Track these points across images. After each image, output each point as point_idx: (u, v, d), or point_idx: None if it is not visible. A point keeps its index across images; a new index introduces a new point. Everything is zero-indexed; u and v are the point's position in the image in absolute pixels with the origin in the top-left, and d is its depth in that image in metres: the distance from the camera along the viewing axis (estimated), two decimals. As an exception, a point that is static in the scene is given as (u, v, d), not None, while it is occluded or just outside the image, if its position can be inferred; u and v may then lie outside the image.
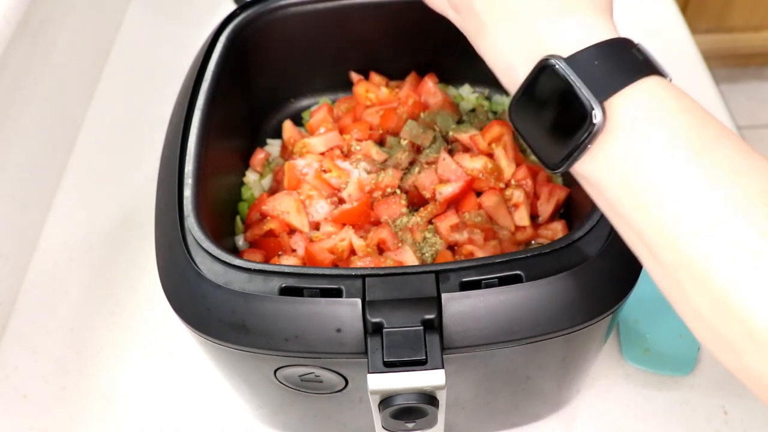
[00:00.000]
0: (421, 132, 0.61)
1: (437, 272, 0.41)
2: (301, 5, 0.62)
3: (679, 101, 0.32)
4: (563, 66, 0.33)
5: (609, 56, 0.33)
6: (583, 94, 0.32)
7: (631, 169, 0.32)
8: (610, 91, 0.32)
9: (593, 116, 0.32)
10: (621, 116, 0.32)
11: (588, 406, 0.58)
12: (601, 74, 0.32)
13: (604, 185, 0.33)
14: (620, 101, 0.32)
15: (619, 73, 0.32)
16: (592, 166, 0.33)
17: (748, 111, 1.91)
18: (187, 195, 0.46)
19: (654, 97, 0.32)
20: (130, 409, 0.60)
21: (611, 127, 0.32)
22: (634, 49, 0.33)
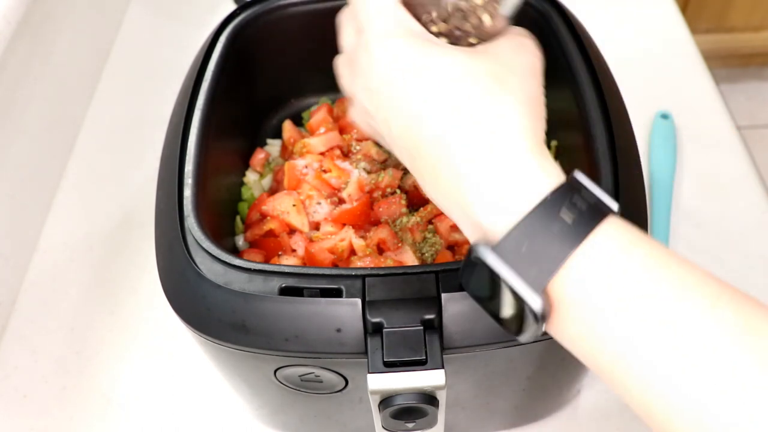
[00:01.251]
0: (421, 132, 0.61)
1: (437, 272, 0.41)
2: (301, 5, 0.62)
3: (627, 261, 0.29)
4: (492, 258, 0.30)
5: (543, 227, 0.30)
6: (519, 288, 0.30)
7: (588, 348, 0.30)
8: (546, 277, 0.29)
9: (534, 307, 0.29)
10: (565, 298, 0.30)
11: (588, 406, 0.58)
12: (534, 258, 0.29)
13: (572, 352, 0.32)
14: (559, 283, 0.30)
15: (554, 250, 0.29)
16: (554, 336, 0.32)
17: (748, 111, 1.91)
18: (187, 195, 0.46)
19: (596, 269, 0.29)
20: (130, 409, 0.60)
21: (559, 308, 0.30)
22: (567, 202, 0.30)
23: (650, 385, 0.28)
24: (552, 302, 0.30)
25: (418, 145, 0.33)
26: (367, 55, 0.35)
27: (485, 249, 0.30)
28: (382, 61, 0.34)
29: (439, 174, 0.33)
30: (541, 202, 0.30)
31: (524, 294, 0.30)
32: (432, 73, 0.33)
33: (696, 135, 0.78)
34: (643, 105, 0.80)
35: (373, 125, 0.37)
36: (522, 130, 0.32)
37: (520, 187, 0.31)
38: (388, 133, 0.35)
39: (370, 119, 0.37)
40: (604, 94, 0.49)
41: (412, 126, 0.33)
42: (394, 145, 0.35)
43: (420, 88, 0.33)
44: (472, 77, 0.33)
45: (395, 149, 0.36)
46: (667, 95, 0.82)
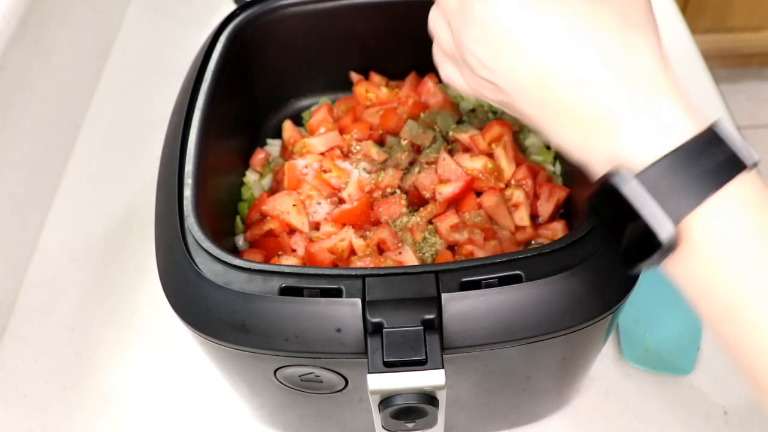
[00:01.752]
0: (421, 132, 0.61)
1: (437, 272, 0.41)
2: (301, 5, 0.62)
3: (759, 216, 0.30)
4: (634, 185, 0.31)
5: (683, 167, 0.30)
6: (656, 217, 0.30)
7: (708, 288, 0.31)
8: (684, 210, 0.30)
9: (664, 239, 0.30)
10: (697, 235, 0.30)
11: (588, 406, 0.58)
12: (674, 191, 0.30)
13: (681, 286, 0.33)
14: (696, 219, 0.30)
15: (694, 188, 0.30)
16: (672, 272, 0.33)
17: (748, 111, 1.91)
18: (187, 195, 0.46)
19: (731, 215, 0.30)
20: (130, 409, 0.60)
21: (687, 244, 0.31)
22: (712, 147, 0.31)
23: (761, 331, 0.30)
24: (681, 236, 0.31)
25: (550, 90, 0.33)
26: (483, 3, 0.34)
27: (628, 175, 0.31)
28: (498, 7, 0.33)
29: (578, 115, 0.32)
30: (688, 140, 0.31)
31: (660, 222, 0.30)
32: (555, 16, 0.32)
33: (696, 135, 0.78)
34: (643, 105, 0.79)
35: (490, 78, 0.35)
36: (661, 65, 0.32)
37: (668, 123, 0.31)
38: (512, 84, 0.34)
39: (485, 72, 0.35)
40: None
41: (543, 73, 0.33)
42: (520, 94, 0.34)
43: (545, 34, 0.32)
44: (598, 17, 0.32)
45: (520, 99, 0.35)
46: (667, 95, 0.81)
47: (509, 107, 0.37)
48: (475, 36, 0.34)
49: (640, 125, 0.31)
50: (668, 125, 0.31)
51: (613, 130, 0.32)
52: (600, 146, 0.33)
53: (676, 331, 0.61)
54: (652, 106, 0.31)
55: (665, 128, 0.31)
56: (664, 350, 0.60)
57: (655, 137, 0.31)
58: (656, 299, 0.62)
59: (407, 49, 0.66)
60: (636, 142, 0.31)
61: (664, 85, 0.32)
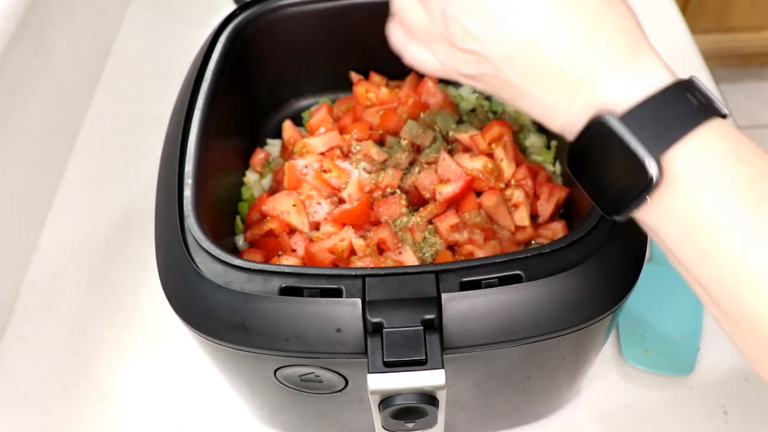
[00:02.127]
0: (421, 132, 0.61)
1: (437, 272, 0.41)
2: (301, 5, 0.62)
3: (737, 151, 0.32)
4: (617, 125, 0.32)
5: (663, 107, 0.32)
6: (639, 152, 0.32)
7: (689, 224, 0.32)
8: (665, 146, 0.32)
9: (649, 174, 0.31)
10: (678, 171, 0.32)
11: (588, 406, 0.58)
12: (656, 129, 0.32)
13: (663, 234, 0.33)
14: (676, 155, 0.32)
15: (675, 126, 0.32)
16: (650, 216, 0.33)
17: (748, 111, 1.91)
18: (187, 195, 0.46)
19: (711, 149, 0.32)
20: (130, 409, 0.60)
21: (668, 181, 0.32)
22: (689, 93, 0.33)
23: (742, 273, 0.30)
24: (664, 173, 0.32)
25: (543, 49, 0.34)
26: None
27: (611, 117, 0.32)
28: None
29: (568, 71, 0.34)
30: (667, 86, 0.33)
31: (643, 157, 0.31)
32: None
33: (696, 135, 0.78)
34: (643, 105, 0.79)
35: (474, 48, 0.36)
36: (640, 28, 0.35)
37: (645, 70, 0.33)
38: (500, 51, 0.35)
39: (470, 42, 0.36)
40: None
41: (535, 33, 0.34)
42: (506, 62, 0.35)
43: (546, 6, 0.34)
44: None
45: (507, 67, 0.36)
46: (667, 95, 0.81)
47: (487, 79, 0.37)
48: (462, 3, 0.35)
49: (622, 75, 0.33)
50: (648, 75, 0.33)
51: (598, 82, 0.33)
52: (584, 101, 0.34)
53: (676, 331, 0.61)
54: (634, 58, 0.33)
55: (646, 77, 0.33)
56: (664, 350, 0.60)
57: (636, 85, 0.33)
58: (656, 299, 0.62)
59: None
60: (618, 89, 0.33)
61: (644, 43, 0.34)
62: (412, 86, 0.66)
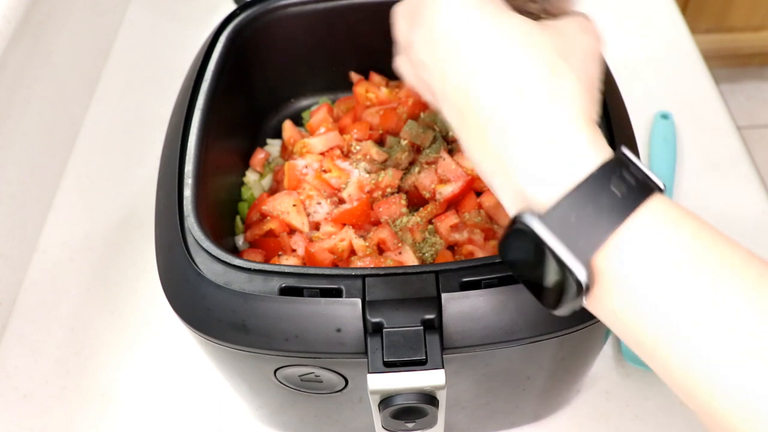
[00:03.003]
0: (421, 132, 0.61)
1: (437, 272, 0.41)
2: (301, 5, 0.62)
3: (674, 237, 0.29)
4: (538, 226, 0.30)
5: (590, 201, 0.30)
6: (564, 257, 0.30)
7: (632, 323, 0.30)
8: (592, 247, 0.30)
9: (579, 278, 0.29)
10: (611, 271, 0.30)
11: (588, 406, 0.58)
12: (581, 229, 0.30)
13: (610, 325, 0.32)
14: (607, 254, 0.30)
15: (602, 222, 0.30)
16: (594, 311, 0.32)
17: (748, 111, 1.91)
18: (187, 195, 0.46)
19: (644, 244, 0.29)
20: (130, 409, 0.60)
21: (603, 281, 0.30)
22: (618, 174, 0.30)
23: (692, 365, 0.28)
24: (595, 274, 0.30)
25: (470, 104, 0.33)
26: (434, 5, 0.34)
27: (532, 218, 0.30)
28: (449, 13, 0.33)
29: (488, 137, 0.32)
30: (591, 174, 0.30)
31: (570, 264, 0.29)
32: (498, 34, 0.33)
33: (696, 135, 0.78)
34: (643, 105, 0.80)
35: (426, 78, 0.36)
36: (577, 108, 0.32)
37: (570, 159, 0.31)
38: (441, 88, 0.34)
39: (424, 72, 0.36)
40: (604, 94, 0.49)
41: (468, 84, 0.33)
42: (445, 100, 0.35)
43: (483, 47, 0.32)
44: (537, 48, 0.32)
45: (445, 105, 0.35)
46: (667, 95, 0.82)
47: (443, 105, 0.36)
48: (420, 34, 0.35)
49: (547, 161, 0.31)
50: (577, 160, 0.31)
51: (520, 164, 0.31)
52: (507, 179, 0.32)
53: (676, 331, 0.61)
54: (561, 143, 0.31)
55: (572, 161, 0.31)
56: (664, 350, 0.60)
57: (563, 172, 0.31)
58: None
59: (407, 49, 0.66)
60: (542, 178, 0.31)
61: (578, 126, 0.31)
62: (412, 86, 0.66)
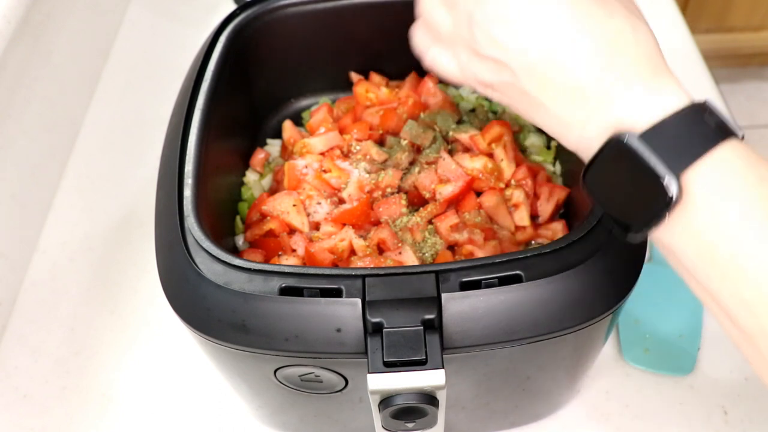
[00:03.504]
0: (421, 132, 0.61)
1: (437, 272, 0.41)
2: (301, 5, 0.62)
3: (755, 169, 0.32)
4: (637, 143, 0.32)
5: (682, 127, 0.33)
6: (659, 170, 0.32)
7: (709, 243, 0.32)
8: (685, 165, 0.32)
9: (669, 191, 0.32)
10: (697, 189, 0.32)
11: (588, 406, 0.58)
12: (675, 148, 0.32)
13: (680, 253, 0.33)
14: (696, 174, 0.32)
15: (693, 145, 0.32)
16: (668, 235, 0.33)
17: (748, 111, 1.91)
18: (187, 195, 0.46)
19: (730, 168, 0.32)
20: (130, 409, 0.60)
21: (688, 200, 0.32)
22: (705, 114, 0.33)
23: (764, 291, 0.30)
24: (683, 191, 0.32)
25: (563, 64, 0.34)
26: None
27: (631, 135, 0.33)
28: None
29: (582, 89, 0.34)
30: (687, 105, 0.33)
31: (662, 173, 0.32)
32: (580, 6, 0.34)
33: (696, 135, 0.78)
34: (643, 105, 0.79)
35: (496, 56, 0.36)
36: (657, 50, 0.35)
37: (663, 91, 0.34)
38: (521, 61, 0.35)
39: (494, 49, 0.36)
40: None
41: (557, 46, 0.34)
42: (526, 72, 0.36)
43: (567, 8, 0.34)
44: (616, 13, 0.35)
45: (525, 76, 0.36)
46: (667, 95, 0.81)
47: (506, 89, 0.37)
48: (490, 11, 0.36)
49: (641, 96, 0.33)
50: (666, 96, 0.33)
51: (618, 101, 0.34)
52: (602, 119, 0.34)
53: (676, 331, 0.61)
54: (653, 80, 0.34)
55: (664, 98, 0.33)
56: (664, 350, 0.60)
57: (655, 105, 0.33)
58: (656, 299, 0.62)
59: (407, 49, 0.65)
60: (637, 109, 0.33)
61: (663, 66, 0.35)
62: (412, 86, 0.66)
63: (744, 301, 0.31)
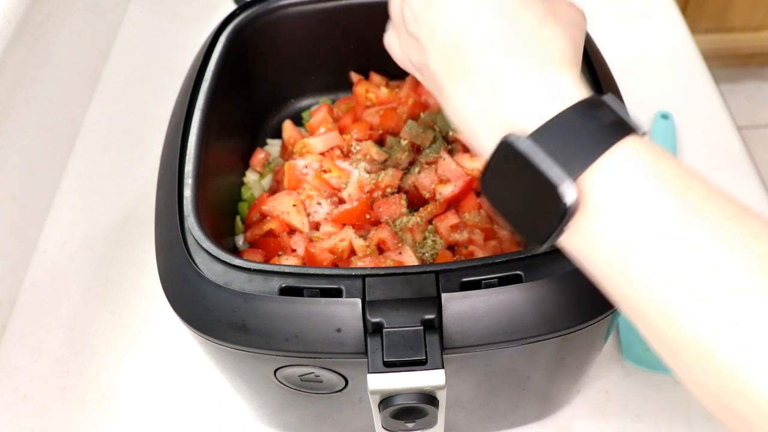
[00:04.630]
0: (421, 132, 0.61)
1: (437, 272, 0.41)
2: (301, 5, 0.62)
3: (658, 166, 0.30)
4: (527, 144, 0.30)
5: (577, 125, 0.30)
6: (553, 175, 0.29)
7: (615, 249, 0.30)
8: (581, 167, 0.30)
9: (565, 199, 0.29)
10: (597, 192, 0.30)
11: (588, 406, 0.58)
12: (569, 148, 0.30)
13: (590, 262, 0.31)
14: (593, 176, 0.30)
15: (590, 144, 0.30)
16: (574, 242, 0.31)
17: (748, 111, 1.91)
18: (187, 195, 0.46)
19: (629, 167, 0.30)
20: (130, 409, 0.60)
21: (588, 204, 0.30)
22: (603, 110, 0.31)
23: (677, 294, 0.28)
24: (582, 196, 0.30)
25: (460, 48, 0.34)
26: None
27: (520, 137, 0.30)
28: None
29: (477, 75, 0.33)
30: (578, 102, 0.31)
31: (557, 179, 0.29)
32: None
33: (696, 135, 0.78)
34: (643, 105, 0.80)
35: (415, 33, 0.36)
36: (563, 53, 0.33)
37: (556, 91, 0.32)
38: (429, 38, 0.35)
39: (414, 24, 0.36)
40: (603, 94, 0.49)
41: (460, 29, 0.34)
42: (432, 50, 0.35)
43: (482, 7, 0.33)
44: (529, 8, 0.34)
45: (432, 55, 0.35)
46: (667, 95, 0.82)
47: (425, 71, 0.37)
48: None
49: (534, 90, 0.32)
50: (561, 92, 0.31)
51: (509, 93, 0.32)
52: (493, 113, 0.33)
53: (676, 331, 0.61)
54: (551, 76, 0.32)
55: (558, 94, 0.31)
56: (664, 350, 0.60)
57: (546, 102, 0.31)
58: (656, 299, 0.62)
59: (407, 49, 0.66)
60: (528, 105, 0.32)
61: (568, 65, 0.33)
62: (412, 86, 0.66)
63: (659, 312, 0.29)
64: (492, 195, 0.34)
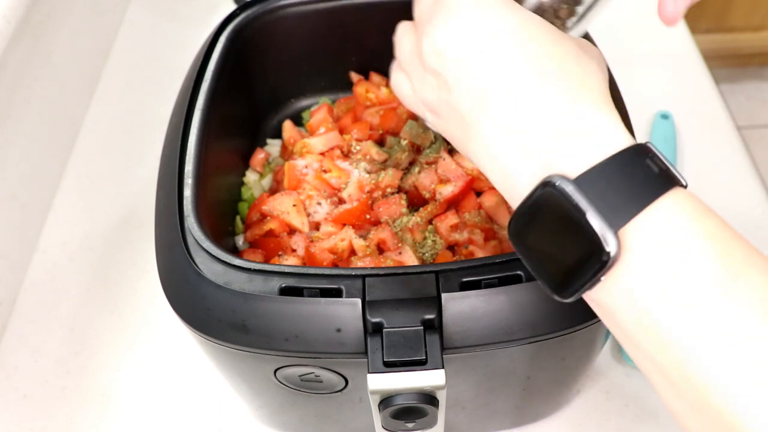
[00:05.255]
0: (421, 132, 0.61)
1: (437, 272, 0.41)
2: (301, 5, 0.62)
3: (701, 223, 0.28)
4: (571, 189, 0.28)
5: (623, 173, 0.29)
6: (595, 223, 0.28)
7: (649, 307, 0.28)
8: (624, 217, 0.28)
9: (607, 248, 0.28)
10: (637, 246, 0.28)
11: (588, 406, 0.58)
12: (614, 197, 0.28)
13: (618, 317, 0.30)
14: (636, 228, 0.28)
15: (635, 195, 0.28)
16: (604, 295, 0.30)
17: (748, 111, 1.91)
18: (187, 195, 0.46)
19: (675, 222, 0.28)
20: (130, 409, 0.60)
21: (627, 257, 0.28)
22: (648, 159, 0.29)
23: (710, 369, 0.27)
24: (621, 248, 0.28)
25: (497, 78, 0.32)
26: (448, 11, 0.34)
27: (565, 180, 0.29)
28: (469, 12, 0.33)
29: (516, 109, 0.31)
30: (626, 148, 0.29)
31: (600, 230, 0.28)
32: (528, 28, 0.32)
33: (696, 135, 0.78)
34: (643, 105, 0.80)
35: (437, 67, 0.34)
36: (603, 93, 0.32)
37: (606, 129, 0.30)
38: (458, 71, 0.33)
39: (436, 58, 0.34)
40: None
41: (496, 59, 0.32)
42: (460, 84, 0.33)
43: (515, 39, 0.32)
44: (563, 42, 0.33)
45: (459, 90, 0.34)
46: (667, 95, 0.82)
47: (441, 108, 0.35)
48: (440, 21, 0.34)
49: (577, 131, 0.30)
50: (606, 134, 0.30)
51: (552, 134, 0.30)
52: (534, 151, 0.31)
53: (676, 331, 0.61)
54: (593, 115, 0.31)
55: (603, 136, 0.30)
56: (664, 350, 0.60)
57: (592, 144, 0.30)
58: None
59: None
60: (574, 147, 0.30)
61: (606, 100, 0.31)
62: (412, 86, 0.66)
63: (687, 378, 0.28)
64: (521, 238, 0.32)
